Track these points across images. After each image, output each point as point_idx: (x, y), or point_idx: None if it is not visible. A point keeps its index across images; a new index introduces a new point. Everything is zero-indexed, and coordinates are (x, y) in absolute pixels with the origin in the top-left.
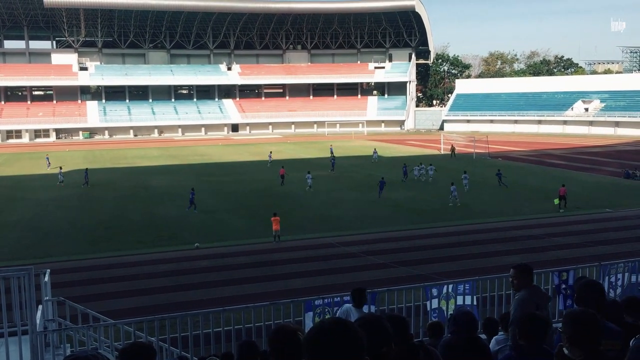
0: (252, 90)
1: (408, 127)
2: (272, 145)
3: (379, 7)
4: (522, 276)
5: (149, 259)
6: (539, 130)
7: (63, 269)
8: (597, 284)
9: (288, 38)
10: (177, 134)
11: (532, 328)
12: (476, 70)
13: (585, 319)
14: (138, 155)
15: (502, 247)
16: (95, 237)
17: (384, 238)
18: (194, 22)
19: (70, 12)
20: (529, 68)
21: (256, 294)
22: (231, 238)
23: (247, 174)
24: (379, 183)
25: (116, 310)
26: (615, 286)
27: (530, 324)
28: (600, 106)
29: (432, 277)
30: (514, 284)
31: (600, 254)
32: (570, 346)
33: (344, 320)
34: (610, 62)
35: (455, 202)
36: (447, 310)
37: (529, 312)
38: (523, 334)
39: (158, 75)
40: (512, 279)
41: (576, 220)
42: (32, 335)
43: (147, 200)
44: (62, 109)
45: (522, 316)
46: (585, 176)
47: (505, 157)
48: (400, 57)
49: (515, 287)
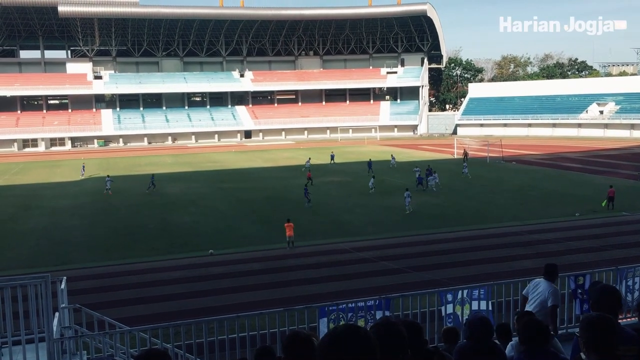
0: (265, 97)
1: (421, 132)
2: (285, 151)
3: (391, 12)
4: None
5: (163, 266)
6: (553, 134)
7: (79, 276)
8: (613, 289)
9: (300, 44)
10: (190, 141)
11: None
12: (489, 74)
13: (602, 324)
14: (152, 163)
15: (517, 251)
16: (110, 245)
17: (397, 243)
18: (206, 29)
19: (84, 21)
20: (542, 71)
21: (270, 300)
22: (245, 244)
23: (260, 181)
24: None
25: (131, 317)
26: (633, 290)
27: (529, 330)
28: (615, 108)
29: (446, 283)
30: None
31: (617, 257)
32: (587, 351)
33: (358, 327)
34: (625, 64)
35: (409, 208)
36: (462, 315)
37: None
38: (523, 339)
39: (171, 83)
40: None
41: (592, 224)
42: (49, 342)
43: (161, 207)
44: (77, 117)
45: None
46: (601, 179)
47: (520, 160)
48: (412, 61)
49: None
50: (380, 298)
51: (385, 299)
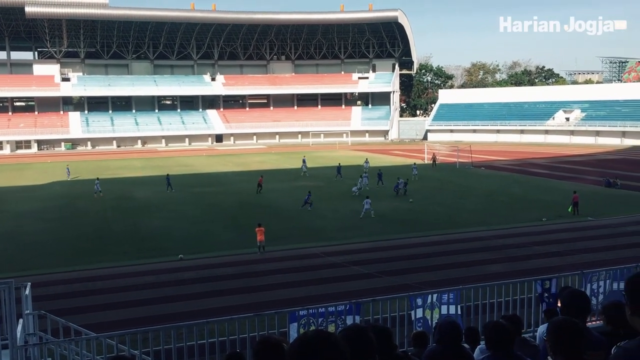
0: (236, 101)
1: (392, 137)
2: (256, 155)
3: (363, 18)
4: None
5: (133, 271)
6: (521, 140)
7: (44, 281)
8: (582, 292)
9: (272, 48)
10: (160, 145)
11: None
12: (459, 80)
13: (569, 328)
14: (121, 166)
15: (486, 256)
16: (78, 249)
17: (368, 248)
18: (177, 32)
19: (52, 22)
20: (511, 78)
21: (241, 305)
22: (215, 249)
23: (231, 185)
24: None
25: (99, 324)
26: (597, 294)
27: (495, 333)
28: (581, 116)
29: (416, 287)
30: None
31: (583, 262)
32: (554, 355)
33: (328, 332)
34: (590, 72)
35: (369, 214)
36: (431, 319)
37: (494, 322)
38: (489, 343)
39: (141, 86)
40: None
41: (558, 228)
42: (12, 349)
43: (130, 211)
44: (44, 120)
45: (489, 326)
46: (567, 185)
47: (489, 166)
48: (383, 67)
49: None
50: (350, 303)
51: (355, 304)
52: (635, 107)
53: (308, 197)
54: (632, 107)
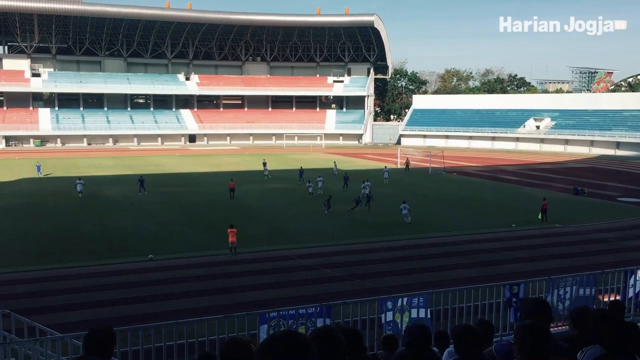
0: (211, 101)
1: (366, 141)
2: (230, 156)
3: (339, 21)
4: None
5: (101, 271)
6: (492, 147)
7: (9, 280)
8: (543, 300)
9: (247, 50)
10: (132, 144)
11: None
12: (433, 86)
13: (535, 330)
14: (91, 165)
15: (456, 260)
16: (44, 248)
17: (339, 251)
18: (152, 31)
19: (23, 17)
20: (484, 85)
21: (211, 307)
22: (186, 250)
23: (203, 186)
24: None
25: (65, 324)
26: (564, 299)
27: (464, 337)
28: (551, 124)
29: (387, 290)
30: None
31: (550, 267)
32: (520, 357)
33: (296, 333)
34: (560, 81)
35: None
36: (401, 323)
37: (464, 326)
38: (459, 348)
39: (114, 84)
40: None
41: (527, 234)
42: None
43: (99, 210)
44: (13, 115)
45: (458, 330)
46: (537, 192)
47: (460, 172)
48: (358, 71)
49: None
50: (321, 305)
51: (326, 307)
52: (604, 117)
53: (328, 200)
54: (600, 117)
